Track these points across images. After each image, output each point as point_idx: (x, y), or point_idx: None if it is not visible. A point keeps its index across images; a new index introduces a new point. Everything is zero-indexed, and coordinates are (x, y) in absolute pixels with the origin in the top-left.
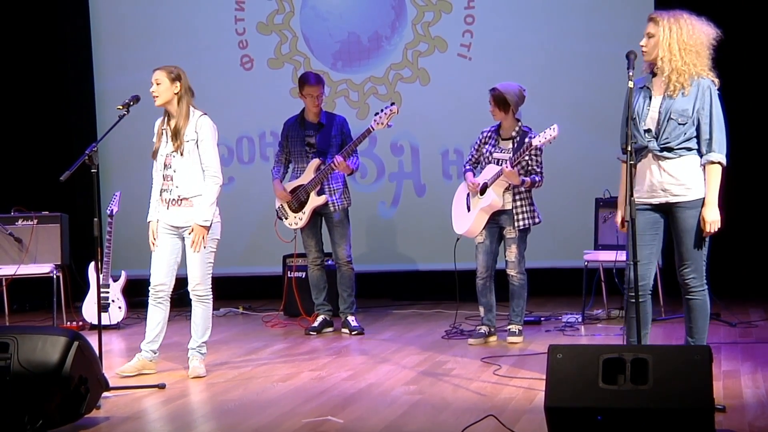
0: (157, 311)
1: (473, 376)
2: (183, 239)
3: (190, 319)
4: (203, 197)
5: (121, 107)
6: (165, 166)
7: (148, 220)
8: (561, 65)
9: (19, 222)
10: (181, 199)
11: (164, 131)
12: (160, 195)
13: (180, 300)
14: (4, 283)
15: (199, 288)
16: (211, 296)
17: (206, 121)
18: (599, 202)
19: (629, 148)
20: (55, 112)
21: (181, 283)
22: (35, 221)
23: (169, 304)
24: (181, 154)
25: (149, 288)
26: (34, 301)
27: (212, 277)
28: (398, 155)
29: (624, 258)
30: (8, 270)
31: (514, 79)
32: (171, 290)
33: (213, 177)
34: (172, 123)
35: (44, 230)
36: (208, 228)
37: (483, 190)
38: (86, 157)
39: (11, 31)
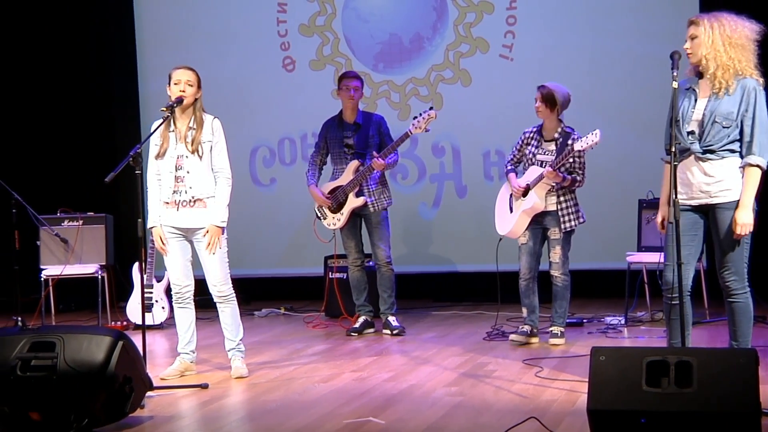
0: (185, 313)
1: (515, 378)
2: (191, 242)
3: (220, 321)
4: (218, 198)
5: (164, 109)
6: (176, 167)
7: (150, 226)
8: (604, 66)
9: (65, 223)
10: (194, 200)
11: (172, 133)
12: (171, 196)
13: (209, 302)
14: (50, 284)
15: (224, 288)
16: (235, 294)
17: (220, 123)
18: (642, 204)
19: (673, 149)
20: (101, 114)
21: (202, 285)
22: (81, 222)
23: (193, 304)
24: (200, 157)
25: (173, 293)
26: (79, 301)
27: (254, 279)
28: (439, 156)
29: (663, 259)
30: (54, 270)
31: (557, 79)
32: (193, 290)
33: (226, 179)
34: (181, 125)
35: (89, 231)
36: (223, 229)
37: (525, 192)
38: (130, 159)
39: (58, 34)
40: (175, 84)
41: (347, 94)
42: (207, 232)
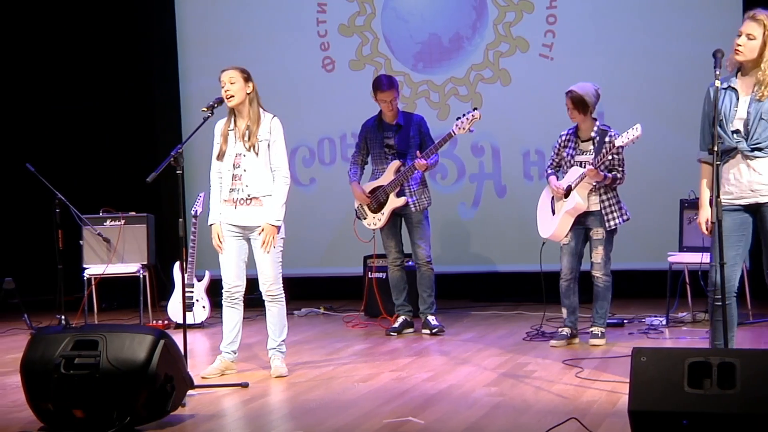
0: (233, 312)
1: (555, 379)
2: (248, 240)
3: (266, 319)
4: (274, 197)
5: (205, 109)
6: (234, 166)
7: (210, 223)
8: (644, 64)
9: (108, 222)
10: (251, 199)
11: (231, 132)
12: (229, 194)
13: (257, 300)
14: (93, 282)
15: (273, 288)
16: (284, 295)
17: (279, 122)
18: (684, 204)
19: (716, 149)
20: (142, 114)
21: (253, 284)
22: (123, 222)
23: (242, 305)
24: (256, 154)
25: (222, 291)
26: (121, 300)
27: (293, 278)
28: (479, 156)
29: (709, 260)
30: (97, 269)
31: (597, 78)
32: (244, 291)
33: (284, 177)
34: (241, 123)
35: (131, 230)
36: (279, 228)
37: (567, 192)
38: (172, 159)
39: (101, 35)
40: (221, 86)
41: (387, 106)
42: (262, 230)
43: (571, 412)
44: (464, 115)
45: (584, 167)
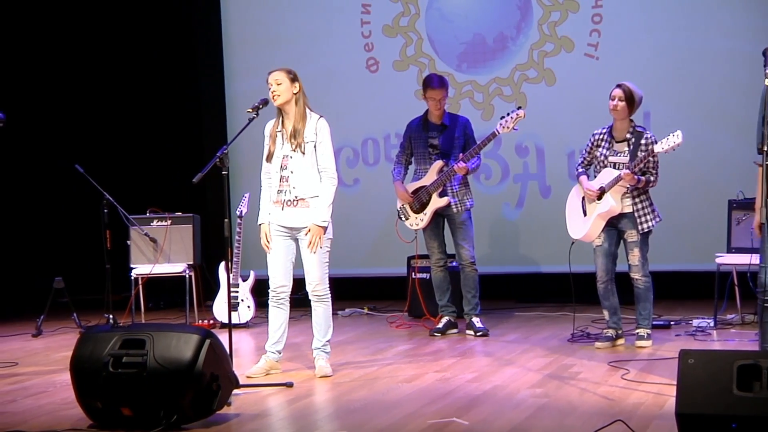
0: (279, 312)
1: (600, 380)
2: (296, 240)
3: (311, 319)
4: (321, 198)
5: (250, 110)
6: (282, 167)
7: (259, 223)
8: (692, 64)
9: (154, 223)
10: (297, 200)
11: (279, 133)
12: (276, 195)
13: (302, 300)
14: (140, 282)
15: (319, 288)
16: (330, 295)
17: (325, 123)
18: (732, 204)
19: (765, 149)
20: (188, 115)
21: (298, 284)
22: (169, 222)
23: (289, 305)
24: (303, 154)
25: (269, 290)
26: (167, 299)
27: (337, 278)
28: (523, 156)
29: (759, 261)
30: (144, 269)
31: (644, 78)
32: (290, 291)
33: (331, 178)
34: (288, 124)
35: (177, 231)
36: (325, 228)
37: (600, 195)
38: (217, 160)
39: (147, 36)
40: (268, 88)
41: (435, 105)
42: (309, 231)
43: (617, 414)
44: (508, 114)
45: (618, 168)
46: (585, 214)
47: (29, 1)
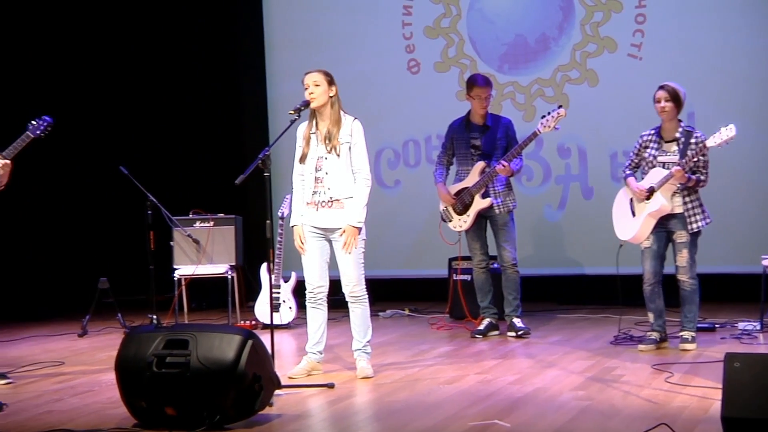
0: (317, 313)
1: (644, 383)
2: (330, 241)
3: (350, 321)
4: (356, 199)
5: (292, 112)
6: (316, 168)
7: (292, 225)
8: (737, 63)
9: (197, 224)
10: (332, 201)
11: (313, 135)
12: (311, 197)
13: (341, 302)
14: (183, 283)
15: (356, 289)
16: (367, 296)
17: (360, 125)
18: None
19: None
20: (230, 117)
21: (336, 285)
22: (212, 223)
23: (326, 305)
24: (338, 156)
25: (306, 292)
26: (210, 300)
27: (378, 280)
28: (565, 158)
29: None
30: (187, 270)
31: (689, 78)
32: (327, 291)
33: (365, 179)
34: (322, 126)
35: (220, 232)
36: (360, 229)
37: (649, 194)
38: (259, 162)
39: (189, 38)
40: (305, 88)
41: (479, 104)
42: (344, 232)
43: (661, 417)
44: (549, 113)
45: (667, 168)
46: (633, 215)
47: (75, 5)
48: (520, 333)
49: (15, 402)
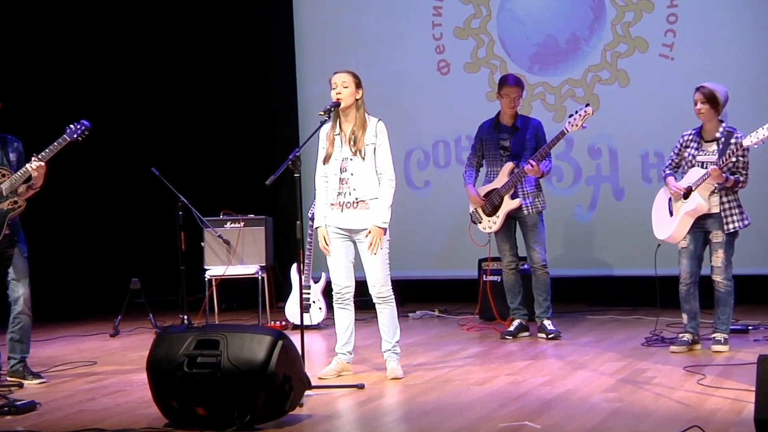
0: (345, 314)
1: (676, 385)
2: (354, 242)
3: (378, 322)
4: (381, 200)
5: (322, 113)
6: (341, 170)
7: (316, 226)
8: None
9: (228, 225)
10: (357, 202)
11: (338, 137)
12: (336, 198)
13: (369, 303)
14: (213, 283)
15: (383, 290)
16: (393, 296)
17: (384, 126)
18: None
19: None
20: (261, 118)
21: (363, 286)
22: (242, 224)
23: (353, 306)
24: (363, 158)
25: (333, 293)
26: (240, 300)
27: (408, 281)
28: (596, 158)
29: None
30: (217, 270)
31: (720, 78)
32: (354, 291)
33: (389, 180)
34: (347, 127)
35: (250, 233)
36: (385, 230)
37: (687, 193)
38: (290, 162)
39: (220, 41)
40: (333, 88)
41: (508, 103)
42: (369, 232)
43: (693, 420)
44: (576, 111)
45: (706, 168)
46: (671, 215)
47: (112, 10)
48: (550, 336)
49: (48, 401)
